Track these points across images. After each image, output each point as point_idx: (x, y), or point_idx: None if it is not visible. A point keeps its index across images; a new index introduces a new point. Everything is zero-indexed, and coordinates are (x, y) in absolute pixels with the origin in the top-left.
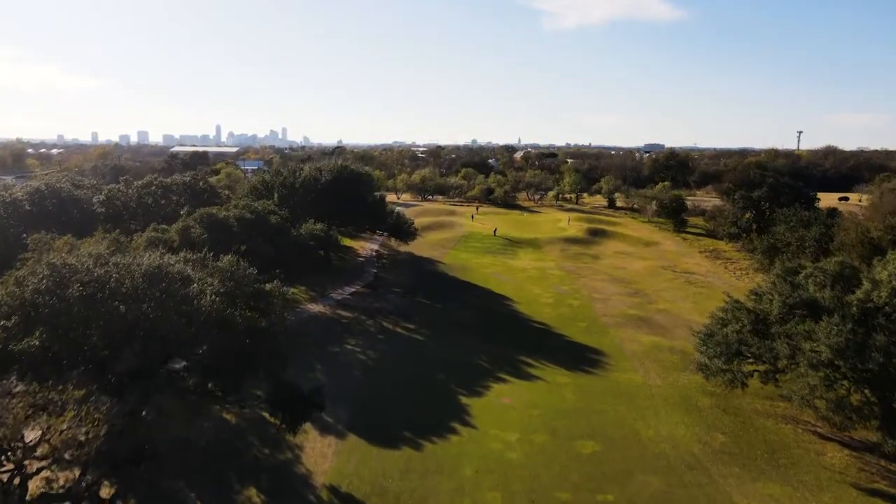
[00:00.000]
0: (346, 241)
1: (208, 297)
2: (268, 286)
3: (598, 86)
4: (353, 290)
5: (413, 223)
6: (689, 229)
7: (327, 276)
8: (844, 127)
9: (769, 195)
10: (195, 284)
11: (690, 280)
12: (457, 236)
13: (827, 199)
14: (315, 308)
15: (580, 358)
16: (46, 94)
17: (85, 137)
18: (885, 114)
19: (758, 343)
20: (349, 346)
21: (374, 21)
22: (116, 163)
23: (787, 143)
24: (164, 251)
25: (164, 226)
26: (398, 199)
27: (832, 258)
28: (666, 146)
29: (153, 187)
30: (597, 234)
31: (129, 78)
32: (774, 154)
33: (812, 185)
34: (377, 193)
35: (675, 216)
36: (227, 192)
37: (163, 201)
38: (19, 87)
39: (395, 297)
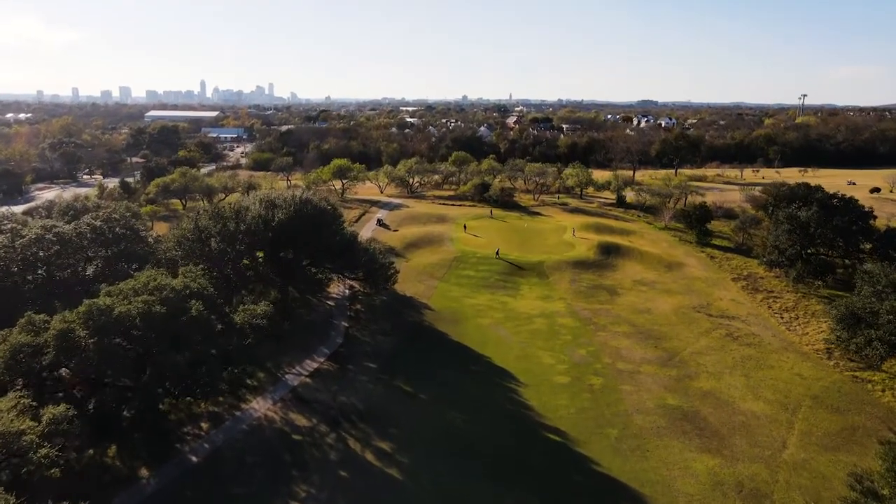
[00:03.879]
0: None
1: None
2: None
3: (590, 37)
4: (316, 365)
5: (392, 264)
6: (713, 241)
7: (285, 340)
8: (840, 79)
9: (819, 216)
10: None
11: (732, 331)
12: (447, 259)
13: (844, 179)
14: (260, 408)
15: None
16: (26, 47)
17: (66, 92)
18: (882, 65)
19: None
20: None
21: None
22: (68, 147)
23: (779, 97)
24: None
25: (44, 316)
26: (381, 192)
27: None
28: (659, 102)
29: (47, 240)
30: (610, 253)
31: (111, 30)
32: (784, 127)
33: (825, 161)
34: (346, 230)
35: (698, 226)
36: (154, 234)
37: (59, 260)
38: None
39: (367, 381)
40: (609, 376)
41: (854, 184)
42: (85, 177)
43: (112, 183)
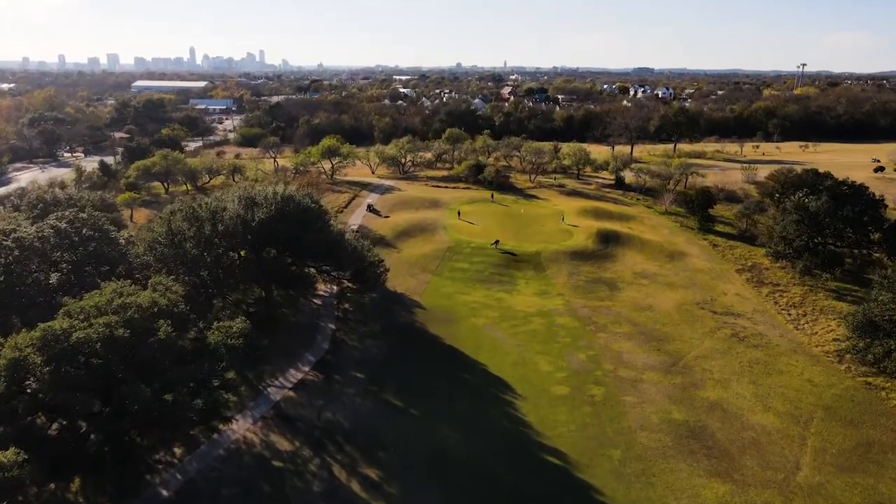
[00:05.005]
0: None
1: None
2: None
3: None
4: (301, 375)
5: (381, 262)
6: (716, 227)
7: (268, 345)
8: (837, 46)
9: (829, 207)
10: None
11: (737, 330)
12: (440, 249)
13: (851, 156)
14: (239, 428)
15: None
16: (8, 10)
17: (52, 59)
18: (878, 32)
19: None
20: None
21: None
22: (47, 124)
23: (776, 64)
24: None
25: None
26: (373, 173)
27: None
28: (655, 70)
29: (6, 246)
30: (609, 241)
31: None
32: (784, 99)
33: (825, 134)
34: (333, 228)
35: (700, 212)
36: (126, 236)
37: (19, 268)
38: None
39: (354, 394)
40: (610, 385)
41: (878, 161)
42: (66, 155)
43: (92, 164)
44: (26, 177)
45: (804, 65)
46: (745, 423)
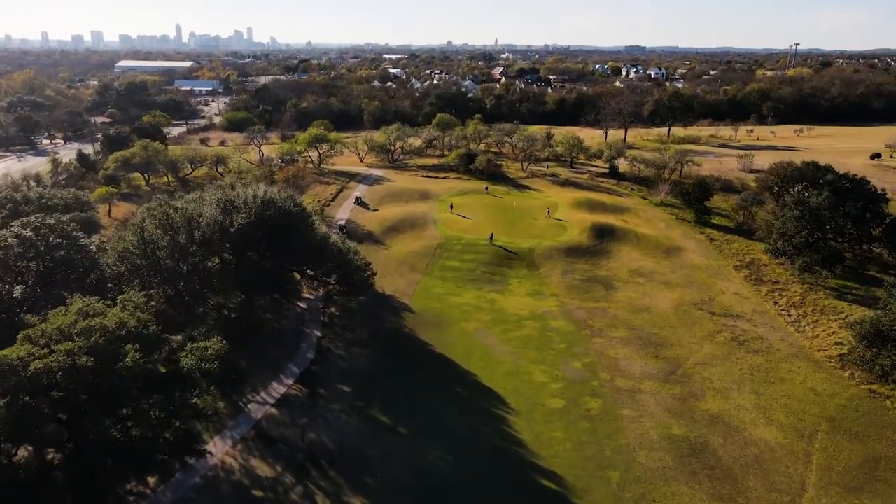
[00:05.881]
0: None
1: None
2: None
3: None
4: (284, 389)
5: (368, 266)
6: (712, 220)
7: (250, 356)
8: (829, 24)
9: (830, 202)
10: None
11: (737, 334)
12: (430, 246)
13: (847, 141)
14: (217, 452)
15: None
16: None
17: (35, 36)
18: (874, 13)
19: None
20: None
21: None
22: (23, 111)
23: (768, 42)
24: None
25: None
26: (361, 161)
27: None
28: (647, 48)
29: None
30: (604, 236)
31: None
32: (779, 81)
33: (819, 117)
34: (317, 231)
35: (696, 204)
36: (98, 241)
37: None
38: None
39: (340, 410)
40: (607, 397)
41: (890, 147)
42: (44, 142)
43: (70, 153)
44: (1, 166)
45: (797, 44)
46: (748, 439)
